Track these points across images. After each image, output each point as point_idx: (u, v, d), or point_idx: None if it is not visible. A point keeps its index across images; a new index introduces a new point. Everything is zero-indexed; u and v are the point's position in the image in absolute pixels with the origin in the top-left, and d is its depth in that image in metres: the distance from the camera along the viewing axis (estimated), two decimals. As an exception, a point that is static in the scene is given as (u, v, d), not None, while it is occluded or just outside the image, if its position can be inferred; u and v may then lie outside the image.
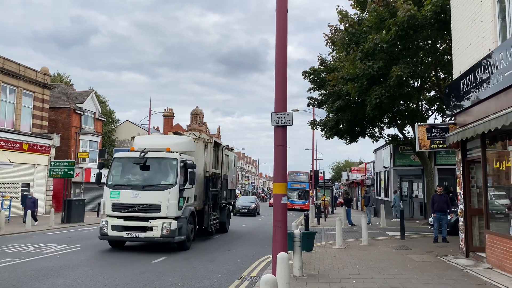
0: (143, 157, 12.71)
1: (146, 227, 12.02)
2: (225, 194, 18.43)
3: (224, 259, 11.40)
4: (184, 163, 12.94)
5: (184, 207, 12.81)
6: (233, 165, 20.46)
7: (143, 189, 12.30)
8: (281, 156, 6.97)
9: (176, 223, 12.12)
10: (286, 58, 7.10)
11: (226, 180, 18.54)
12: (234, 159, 20.94)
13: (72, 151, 34.31)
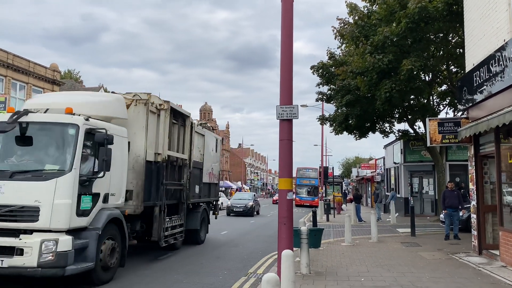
0: (14, 121, 7.32)
1: (13, 248, 6.71)
2: (197, 190, 12.83)
3: (230, 255, 11.28)
4: (92, 132, 7.60)
5: (94, 210, 7.61)
6: (212, 149, 14.53)
7: (10, 179, 7.00)
8: (286, 150, 6.78)
9: (71, 240, 6.85)
10: (291, 48, 6.90)
11: (199, 170, 13.04)
12: (215, 142, 15.03)
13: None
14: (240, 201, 28.33)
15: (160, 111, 10.14)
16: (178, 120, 11.41)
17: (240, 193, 36.32)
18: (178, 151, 11.37)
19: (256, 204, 29.62)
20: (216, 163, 15.35)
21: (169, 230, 10.69)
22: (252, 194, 32.70)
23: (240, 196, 31.73)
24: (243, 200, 28.77)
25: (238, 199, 29.59)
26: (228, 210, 27.41)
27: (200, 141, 13.24)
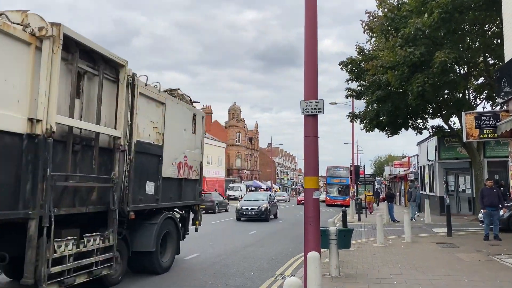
0: None
1: None
2: (150, 190, 8.18)
3: (258, 256, 11.07)
4: None
5: None
6: (184, 128, 9.59)
7: None
8: (312, 147, 6.49)
9: None
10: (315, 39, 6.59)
11: (155, 157, 8.38)
12: (191, 118, 10.00)
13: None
14: (252, 203, 23.31)
15: (42, 41, 5.58)
16: (98, 68, 6.80)
17: (253, 193, 29.79)
18: (100, 122, 6.75)
19: (273, 206, 24.36)
20: (195, 149, 10.09)
21: (68, 261, 5.89)
22: (268, 194, 26.04)
23: (253, 196, 25.87)
24: (256, 201, 23.59)
25: (250, 200, 24.35)
26: (238, 214, 22.74)
27: (156, 112, 8.33)
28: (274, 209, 24.59)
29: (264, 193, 27.98)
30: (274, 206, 24.76)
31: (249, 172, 74.22)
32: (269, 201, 23.90)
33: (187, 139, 9.76)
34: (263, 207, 22.44)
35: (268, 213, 22.64)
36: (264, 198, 24.28)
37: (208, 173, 53.74)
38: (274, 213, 24.58)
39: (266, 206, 22.77)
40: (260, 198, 24.52)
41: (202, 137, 10.84)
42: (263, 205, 22.71)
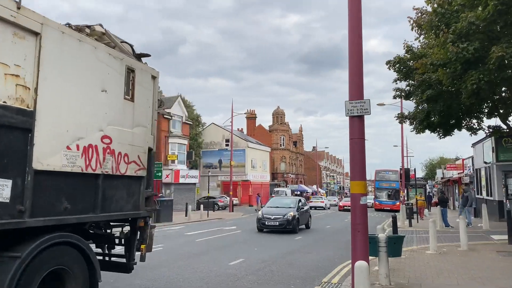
0: None
1: None
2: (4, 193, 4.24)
3: (303, 262, 10.79)
4: None
5: None
6: (106, 89, 5.76)
7: None
8: (358, 150, 6.19)
9: None
10: (360, 37, 6.30)
11: (22, 133, 4.50)
12: (123, 73, 6.13)
13: (162, 154, 36.13)
14: (276, 210, 19.17)
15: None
16: None
17: (278, 198, 24.39)
18: None
19: (303, 214, 19.93)
20: (134, 128, 6.36)
21: None
22: (296, 199, 21.14)
23: (278, 202, 21.19)
24: (281, 208, 19.35)
25: (274, 207, 19.94)
26: (259, 224, 18.92)
27: (15, 50, 4.50)
28: (304, 218, 20.24)
29: (292, 198, 22.61)
30: (304, 214, 20.31)
31: (294, 176, 73.65)
32: (298, 208, 19.48)
33: (113, 107, 5.94)
34: (289, 216, 18.33)
35: (296, 223, 18.50)
36: (292, 204, 19.81)
37: (253, 177, 53.88)
38: (305, 223, 20.38)
39: (294, 214, 18.56)
40: (287, 204, 19.93)
41: (153, 110, 6.90)
42: (289, 213, 18.53)
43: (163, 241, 15.09)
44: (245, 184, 52.02)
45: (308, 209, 21.40)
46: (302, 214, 19.68)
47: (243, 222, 24.57)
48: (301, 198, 22.57)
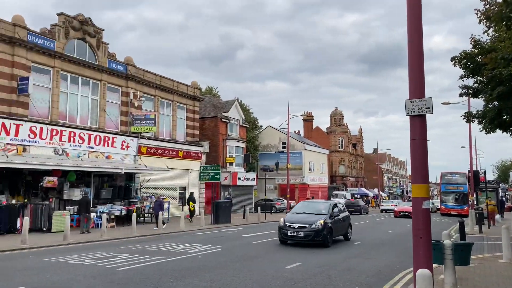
0: None
1: None
2: None
3: (363, 268, 10.42)
4: None
5: None
6: None
7: None
8: (420, 151, 5.84)
9: None
10: (421, 32, 5.94)
11: None
12: None
13: (220, 157, 36.85)
14: (303, 218, 15.18)
15: None
16: None
17: (309, 202, 19.10)
18: None
19: (339, 223, 15.94)
20: None
21: None
22: (331, 204, 16.68)
23: (307, 207, 16.87)
24: (309, 215, 15.38)
25: (301, 213, 15.94)
26: (281, 235, 15.02)
27: None
28: (341, 227, 16.21)
29: (325, 202, 17.61)
30: (341, 223, 16.17)
31: (354, 179, 71.86)
32: (332, 215, 15.44)
33: None
34: (318, 225, 14.37)
35: (328, 233, 14.49)
36: (324, 210, 15.73)
37: (310, 180, 53.30)
38: (343, 233, 16.53)
39: (325, 222, 14.52)
40: (317, 210, 15.86)
41: None
42: (319, 221, 14.52)
43: (221, 242, 15.31)
44: (303, 187, 51.58)
45: (347, 217, 17.18)
46: (337, 223, 15.63)
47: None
48: (339, 203, 18.10)
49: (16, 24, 19.70)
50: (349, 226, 17.16)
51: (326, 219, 14.77)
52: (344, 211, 17.62)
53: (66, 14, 22.39)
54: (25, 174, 19.85)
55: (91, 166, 20.92)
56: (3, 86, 19.12)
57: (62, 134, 21.15)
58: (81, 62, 22.87)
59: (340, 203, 18.86)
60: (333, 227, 15.01)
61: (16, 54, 19.56)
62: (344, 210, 17.70)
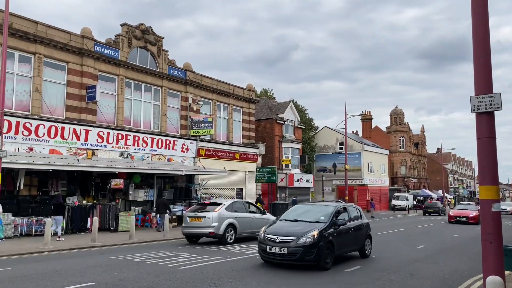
0: None
1: None
2: None
3: (427, 273, 9.95)
4: None
5: None
6: None
7: None
8: (487, 151, 5.48)
9: None
10: (487, 24, 5.58)
11: None
12: None
13: (276, 158, 36.95)
14: (290, 228, 10.78)
15: None
16: None
17: (306, 206, 13.32)
18: None
19: (347, 234, 11.48)
20: None
21: None
22: (334, 208, 11.64)
23: (300, 212, 12.02)
24: (300, 224, 10.95)
25: (291, 220, 11.45)
26: (260, 251, 10.85)
27: None
28: (351, 240, 11.71)
29: (327, 206, 12.33)
30: (351, 234, 11.64)
31: (416, 181, 68.87)
32: (333, 223, 10.84)
33: None
34: (310, 238, 9.97)
35: (325, 250, 10.16)
36: (323, 216, 11.15)
37: (370, 182, 51.85)
38: (357, 247, 12.11)
39: (320, 234, 10.11)
40: (314, 216, 11.28)
41: None
42: (311, 232, 10.12)
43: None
44: (362, 188, 50.29)
45: (363, 226, 12.45)
46: (343, 235, 11.06)
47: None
48: (351, 207, 13.11)
49: (84, 36, 21.12)
50: (367, 238, 12.43)
51: (323, 229, 10.21)
52: (359, 218, 12.59)
53: (128, 24, 23.63)
54: (94, 177, 21.19)
55: (154, 168, 21.86)
56: (74, 94, 20.54)
57: (127, 138, 22.33)
58: (143, 70, 24.01)
59: (353, 207, 13.54)
60: (336, 240, 10.44)
61: (84, 64, 20.95)
62: (359, 216, 12.64)
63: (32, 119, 18.38)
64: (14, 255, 11.98)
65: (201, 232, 15.19)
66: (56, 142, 19.11)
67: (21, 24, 18.57)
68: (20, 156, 16.76)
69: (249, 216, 16.43)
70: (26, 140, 18.04)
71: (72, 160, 17.97)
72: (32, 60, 19.03)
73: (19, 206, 17.86)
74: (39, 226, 16.84)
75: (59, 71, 20.22)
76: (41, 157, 17.45)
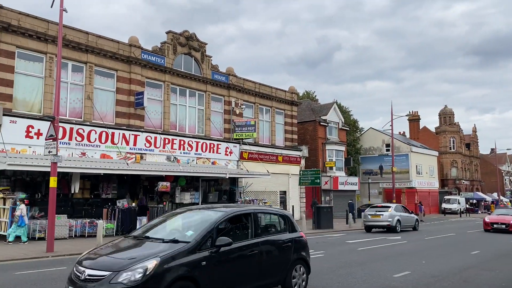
0: None
1: None
2: None
3: (483, 281, 9.43)
4: None
5: None
6: None
7: None
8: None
9: None
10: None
11: None
12: None
13: (320, 161, 36.53)
14: (116, 254, 6.03)
15: None
16: None
17: (187, 212, 7.68)
18: None
19: (242, 261, 6.68)
20: None
21: None
22: (219, 216, 6.71)
23: (156, 223, 7.31)
24: (142, 244, 6.42)
25: (136, 238, 6.83)
26: None
27: None
28: (253, 267, 6.87)
29: (211, 213, 7.06)
30: (254, 257, 6.86)
31: (468, 183, 65.66)
32: (207, 243, 6.17)
33: None
34: (136, 273, 5.37)
35: None
36: (191, 231, 6.48)
37: (418, 184, 50.03)
38: (274, 279, 7.29)
39: (160, 266, 5.49)
40: (176, 231, 6.86)
41: None
42: (142, 263, 5.48)
43: (324, 248, 15.14)
44: (410, 191, 48.60)
45: (284, 243, 7.66)
46: (228, 262, 6.47)
47: (409, 232, 22.94)
48: (272, 213, 8.27)
49: (132, 44, 21.95)
50: (296, 264, 7.76)
51: (173, 255, 5.79)
52: (282, 231, 7.86)
53: (173, 32, 24.31)
54: (142, 180, 21.91)
55: (199, 172, 22.29)
56: (123, 101, 21.38)
57: (173, 142, 22.93)
58: (188, 75, 24.59)
59: (274, 212, 8.25)
60: (209, 274, 6.08)
61: (132, 72, 21.76)
62: (283, 228, 7.91)
63: (84, 125, 19.32)
64: (70, 255, 12.61)
65: (380, 224, 22.49)
66: (107, 147, 19.96)
67: (73, 35, 19.60)
68: (74, 161, 17.64)
69: (405, 214, 23.91)
70: (79, 146, 18.98)
71: (122, 164, 18.67)
72: (84, 69, 20.01)
73: (73, 208, 18.80)
74: (91, 227, 17.62)
75: (109, 79, 21.13)
76: (93, 162, 18.28)
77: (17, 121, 17.14)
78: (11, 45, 17.62)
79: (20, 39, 17.85)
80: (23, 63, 18.14)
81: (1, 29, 17.25)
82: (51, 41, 18.47)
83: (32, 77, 18.37)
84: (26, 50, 18.13)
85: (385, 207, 23.83)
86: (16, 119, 17.17)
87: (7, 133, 16.63)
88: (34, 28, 18.20)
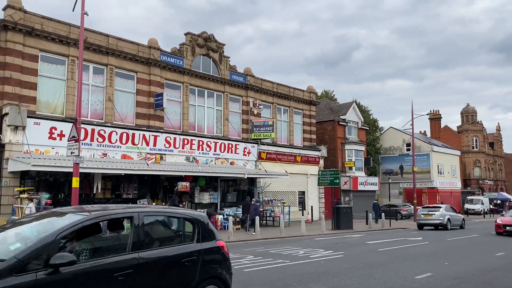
0: None
1: None
2: None
3: (508, 283, 9.18)
4: None
5: None
6: None
7: None
8: None
9: None
10: None
11: None
12: None
13: (339, 161, 36.25)
14: None
15: None
16: None
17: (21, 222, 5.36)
18: None
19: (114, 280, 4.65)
20: None
21: None
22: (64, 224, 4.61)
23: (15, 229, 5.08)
24: None
25: None
26: None
27: None
28: None
29: (55, 221, 4.88)
30: (128, 278, 4.75)
31: (492, 183, 64.13)
32: (38, 262, 4.15)
33: None
34: None
35: None
36: (19, 243, 4.43)
37: (440, 184, 49.12)
38: None
39: None
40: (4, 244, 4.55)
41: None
42: None
43: (344, 248, 15.01)
44: (431, 192, 47.75)
45: (185, 256, 5.52)
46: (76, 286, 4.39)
47: (430, 233, 22.54)
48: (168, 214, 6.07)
49: (151, 46, 22.21)
50: (206, 284, 5.72)
51: None
52: (187, 240, 5.86)
53: (192, 33, 24.49)
54: (162, 180, 22.15)
55: (217, 172, 22.40)
56: (143, 102, 21.66)
57: (192, 143, 23.11)
58: (206, 76, 24.75)
59: (175, 214, 6.10)
60: None
61: (152, 73, 22.02)
62: (188, 236, 5.91)
63: (105, 126, 19.65)
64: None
65: (433, 223, 25.08)
66: (127, 147, 20.26)
67: (94, 38, 19.96)
68: (95, 161, 17.96)
69: (454, 214, 26.54)
70: (101, 146, 19.31)
71: (142, 165, 18.91)
72: (105, 71, 20.36)
73: (95, 208, 19.12)
74: (113, 227, 17.88)
75: (129, 81, 21.45)
76: (114, 162, 18.57)
77: (40, 123, 17.56)
78: (35, 48, 18.06)
79: (43, 42, 18.29)
80: (46, 66, 18.58)
81: (25, 33, 17.70)
82: (73, 44, 18.85)
83: (55, 80, 18.80)
84: (49, 53, 18.56)
85: (437, 207, 26.76)
86: (40, 120, 17.59)
87: (31, 135, 17.05)
88: (57, 32, 18.62)
